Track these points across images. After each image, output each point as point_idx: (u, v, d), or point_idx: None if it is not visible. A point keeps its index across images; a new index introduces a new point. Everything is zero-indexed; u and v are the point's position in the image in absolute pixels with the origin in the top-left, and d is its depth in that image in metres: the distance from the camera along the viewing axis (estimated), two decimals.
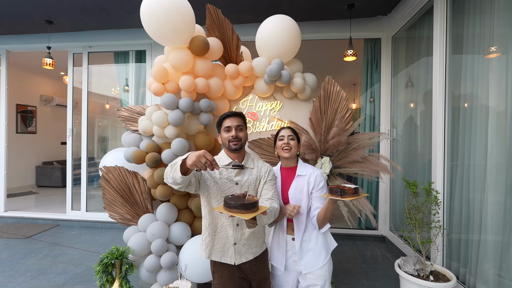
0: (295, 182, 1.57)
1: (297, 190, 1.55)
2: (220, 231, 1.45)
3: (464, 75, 2.50)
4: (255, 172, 1.49)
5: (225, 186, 1.42)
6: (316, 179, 1.54)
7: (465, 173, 2.45)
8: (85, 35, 4.36)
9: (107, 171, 2.36)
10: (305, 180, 1.56)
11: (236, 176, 1.44)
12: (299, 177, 1.57)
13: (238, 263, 1.45)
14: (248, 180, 1.46)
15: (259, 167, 1.51)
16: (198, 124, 2.32)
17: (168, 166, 1.28)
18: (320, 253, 1.54)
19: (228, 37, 2.32)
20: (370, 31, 3.97)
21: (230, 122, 1.45)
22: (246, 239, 1.45)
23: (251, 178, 1.46)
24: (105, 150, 5.14)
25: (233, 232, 1.43)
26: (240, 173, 1.46)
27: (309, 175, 1.56)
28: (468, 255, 2.41)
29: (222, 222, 1.45)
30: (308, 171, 1.58)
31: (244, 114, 1.56)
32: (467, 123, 2.43)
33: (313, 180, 1.54)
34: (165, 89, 2.15)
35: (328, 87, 2.40)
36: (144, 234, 2.24)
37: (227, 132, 1.44)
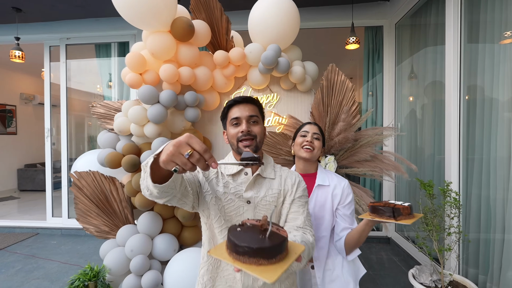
0: (315, 194, 1.25)
1: (318, 205, 1.23)
2: (225, 269, 0.98)
3: (481, 65, 2.25)
4: (277, 185, 1.01)
5: (231, 205, 0.96)
6: (344, 191, 1.23)
7: (484, 170, 2.21)
8: (61, 26, 3.98)
9: (79, 177, 2.04)
10: (328, 192, 1.24)
11: (248, 191, 0.97)
12: (320, 187, 1.25)
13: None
14: (267, 198, 0.98)
15: (282, 177, 1.03)
16: (184, 120, 2.01)
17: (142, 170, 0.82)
18: (347, 283, 1.23)
19: (217, 19, 2.01)
20: (371, 18, 3.69)
21: (239, 111, 0.98)
22: (262, 286, 0.95)
23: (271, 194, 0.99)
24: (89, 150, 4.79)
25: (241, 276, 0.95)
26: (254, 186, 0.99)
27: (334, 187, 1.24)
28: (488, 261, 2.18)
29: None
30: (332, 180, 1.26)
31: (260, 101, 1.08)
32: (486, 117, 2.18)
33: (339, 192, 1.22)
34: (143, 80, 1.84)
35: (332, 77, 2.12)
36: (123, 249, 1.93)
37: (235, 127, 0.99)
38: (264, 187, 0.99)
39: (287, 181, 1.03)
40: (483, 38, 2.25)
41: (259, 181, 1.00)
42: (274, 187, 1.00)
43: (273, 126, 2.23)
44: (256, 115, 1.00)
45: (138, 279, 1.84)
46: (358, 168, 2.06)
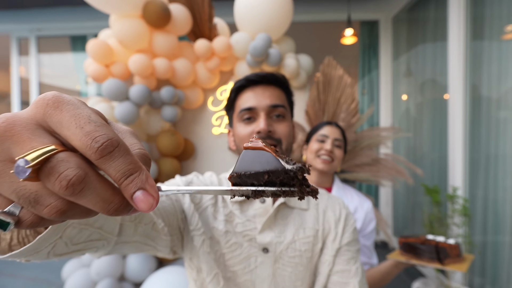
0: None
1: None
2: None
3: (487, 62, 2.07)
4: (312, 221, 0.64)
5: (236, 253, 0.59)
6: (367, 216, 0.98)
7: (491, 174, 2.04)
8: (31, 15, 3.62)
9: None
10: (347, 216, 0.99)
11: (265, 231, 0.60)
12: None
13: None
14: (296, 244, 0.61)
15: (319, 208, 0.66)
16: (161, 120, 1.75)
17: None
18: None
19: (198, 4, 1.75)
20: (367, 12, 3.49)
21: (254, 98, 0.61)
22: None
23: (304, 239, 0.61)
24: None
25: None
26: (276, 222, 0.61)
27: (355, 209, 0.99)
28: (496, 271, 2.01)
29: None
30: (352, 200, 1.01)
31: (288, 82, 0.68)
32: (492, 117, 2.01)
33: (360, 217, 0.98)
34: (110, 73, 1.56)
35: (329, 71, 1.89)
36: (89, 271, 1.66)
37: (247, 123, 0.62)
38: (292, 224, 0.61)
39: (327, 215, 0.64)
40: (489, 34, 2.07)
41: (284, 214, 0.62)
42: (308, 225, 0.62)
43: None
44: (282, 104, 0.62)
45: None
46: (358, 173, 1.84)
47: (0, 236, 0.27)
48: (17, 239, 0.28)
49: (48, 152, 0.17)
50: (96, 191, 0.18)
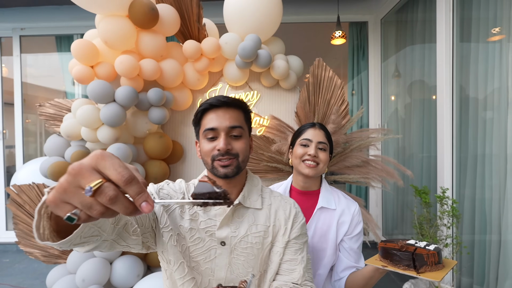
0: (316, 218, 0.98)
1: (318, 234, 0.96)
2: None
3: (474, 63, 2.11)
4: (264, 219, 0.76)
5: (199, 246, 0.71)
6: (354, 218, 0.97)
7: (478, 174, 2.07)
8: (14, 14, 3.51)
9: (19, 191, 1.69)
10: (333, 217, 0.97)
11: (223, 227, 0.72)
12: (323, 210, 0.98)
13: None
14: (248, 238, 0.73)
15: (272, 208, 0.78)
16: (148, 122, 1.71)
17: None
18: None
19: (186, 4, 1.72)
20: (356, 13, 3.52)
21: (216, 119, 0.72)
22: None
23: (255, 233, 0.74)
24: None
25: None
26: (233, 220, 0.73)
27: (342, 212, 0.97)
28: (484, 271, 2.04)
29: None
30: (339, 203, 0.99)
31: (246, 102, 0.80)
32: (479, 116, 2.05)
33: (347, 220, 0.96)
34: (95, 74, 1.51)
35: (319, 72, 1.89)
36: (74, 278, 1.60)
37: (210, 141, 0.73)
38: (246, 221, 0.74)
39: (279, 214, 0.77)
40: (475, 36, 2.11)
41: (240, 213, 0.74)
42: (260, 222, 0.75)
43: (253, 129, 1.97)
44: (240, 125, 0.73)
45: None
46: (348, 174, 1.84)
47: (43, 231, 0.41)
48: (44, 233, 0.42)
49: (100, 183, 0.34)
50: (122, 202, 0.35)
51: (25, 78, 3.75)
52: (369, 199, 3.63)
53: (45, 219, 0.42)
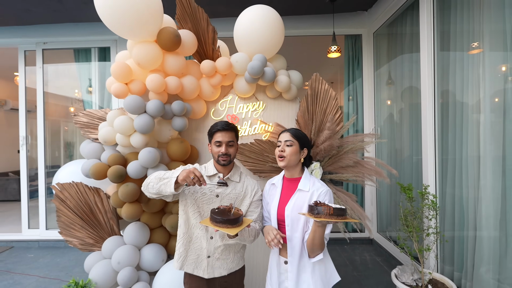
0: (295, 197, 1.31)
1: (295, 208, 1.29)
2: (195, 242, 1.40)
3: (452, 71, 2.41)
4: (239, 188, 1.44)
5: (204, 197, 1.38)
6: (319, 197, 1.27)
7: (457, 173, 2.36)
8: (37, 30, 3.83)
9: (62, 188, 1.98)
10: (306, 197, 1.29)
11: (218, 189, 1.40)
12: (300, 192, 1.31)
13: (210, 277, 1.39)
14: (230, 194, 1.41)
15: (245, 184, 1.46)
16: (171, 130, 2.01)
17: (152, 178, 1.31)
18: (317, 285, 1.27)
19: (203, 29, 2.03)
20: (351, 27, 3.84)
21: (221, 136, 1.37)
22: (220, 253, 1.39)
23: (234, 193, 1.41)
24: (70, 157, 4.62)
25: (206, 245, 1.38)
26: (223, 186, 1.40)
27: (312, 193, 1.29)
28: (463, 259, 2.32)
29: (197, 233, 1.39)
30: (312, 186, 1.31)
31: (236, 126, 1.45)
32: (458, 121, 2.34)
33: (316, 196, 1.28)
34: (129, 90, 1.82)
35: (316, 85, 2.19)
36: (110, 262, 1.89)
37: (217, 147, 1.38)
38: (230, 187, 1.41)
39: (248, 187, 1.45)
40: (454, 46, 2.41)
41: (229, 183, 1.41)
42: (238, 188, 1.42)
43: (259, 134, 2.26)
44: (233, 140, 1.39)
45: None
46: (342, 173, 2.13)
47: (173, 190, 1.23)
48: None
49: (194, 176, 1.18)
50: (198, 181, 1.19)
51: (45, 87, 4.05)
52: (365, 198, 3.91)
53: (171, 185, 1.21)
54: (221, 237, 1.36)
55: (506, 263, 1.95)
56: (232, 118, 2.25)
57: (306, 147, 1.37)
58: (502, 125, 1.96)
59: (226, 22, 3.42)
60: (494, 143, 2.01)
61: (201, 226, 1.37)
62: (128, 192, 1.78)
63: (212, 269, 1.39)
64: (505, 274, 1.97)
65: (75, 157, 4.54)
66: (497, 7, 1.97)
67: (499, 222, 1.98)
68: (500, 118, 1.98)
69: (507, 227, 1.93)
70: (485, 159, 2.07)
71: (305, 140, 1.37)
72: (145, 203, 1.94)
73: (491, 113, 2.03)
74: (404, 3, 3.04)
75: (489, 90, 2.04)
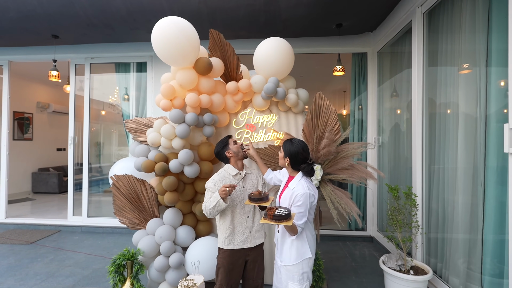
0: (286, 192, 1.83)
1: (284, 198, 1.81)
2: (238, 226, 1.98)
3: (439, 86, 2.80)
4: (254, 177, 2.10)
5: (235, 192, 1.97)
6: (295, 197, 1.72)
7: (440, 177, 2.75)
8: (87, 48, 4.54)
9: (117, 179, 2.57)
10: (290, 194, 1.78)
11: (244, 182, 2.04)
12: (288, 189, 1.83)
13: (253, 245, 2.00)
14: (250, 183, 2.06)
15: (254, 173, 2.15)
16: (202, 136, 2.55)
17: (207, 210, 1.86)
18: (291, 257, 1.78)
19: (229, 57, 2.57)
20: (357, 46, 4.29)
21: (233, 139, 2.09)
22: (256, 227, 2.02)
23: (252, 181, 2.08)
24: (101, 155, 5.30)
25: (246, 223, 1.99)
26: (246, 179, 2.04)
27: (293, 191, 1.76)
28: (444, 252, 2.69)
29: (238, 219, 1.98)
30: (296, 186, 1.77)
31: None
32: (442, 130, 2.72)
33: (293, 196, 1.74)
34: (172, 105, 2.38)
35: (319, 102, 2.67)
36: (153, 237, 2.44)
37: (234, 144, 2.05)
38: (249, 178, 2.07)
39: (257, 175, 2.15)
40: (440, 63, 2.80)
41: (246, 176, 2.05)
42: (253, 178, 2.10)
43: (272, 140, 2.77)
44: None
45: (166, 259, 2.35)
46: (339, 175, 2.59)
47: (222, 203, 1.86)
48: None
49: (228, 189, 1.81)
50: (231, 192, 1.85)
51: (90, 95, 4.74)
52: (367, 200, 4.31)
53: (222, 204, 1.82)
54: (253, 214, 2.02)
55: (475, 255, 2.33)
56: (250, 127, 2.77)
57: (288, 157, 1.84)
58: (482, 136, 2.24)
59: (247, 43, 3.99)
60: (470, 155, 2.37)
61: (241, 214, 1.98)
62: (170, 183, 2.33)
63: (254, 240, 2.01)
64: (475, 264, 2.35)
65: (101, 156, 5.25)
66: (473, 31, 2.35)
67: (470, 222, 2.35)
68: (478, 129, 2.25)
69: (477, 226, 2.29)
70: (461, 168, 2.45)
71: (288, 151, 1.84)
72: (180, 192, 2.49)
73: (471, 124, 2.32)
74: (404, 27, 3.47)
75: (471, 103, 2.32)
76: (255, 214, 2.02)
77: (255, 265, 2.03)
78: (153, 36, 2.17)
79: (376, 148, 4.20)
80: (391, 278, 2.48)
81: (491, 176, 2.10)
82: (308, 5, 3.22)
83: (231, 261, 1.96)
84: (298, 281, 1.77)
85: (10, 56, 4.72)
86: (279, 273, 1.87)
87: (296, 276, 1.77)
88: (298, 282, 1.77)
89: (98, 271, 3.12)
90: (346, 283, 2.93)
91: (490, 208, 2.11)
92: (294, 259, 1.77)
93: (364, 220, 4.34)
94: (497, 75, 2.08)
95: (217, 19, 3.46)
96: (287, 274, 1.80)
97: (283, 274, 1.82)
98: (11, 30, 3.82)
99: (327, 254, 3.62)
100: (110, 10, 3.28)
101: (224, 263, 1.96)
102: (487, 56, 2.17)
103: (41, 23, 3.60)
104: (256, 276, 2.04)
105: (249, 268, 2.03)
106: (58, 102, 7.97)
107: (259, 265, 2.05)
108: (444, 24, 2.72)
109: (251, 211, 2.01)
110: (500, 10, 2.04)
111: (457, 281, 2.45)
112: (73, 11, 3.31)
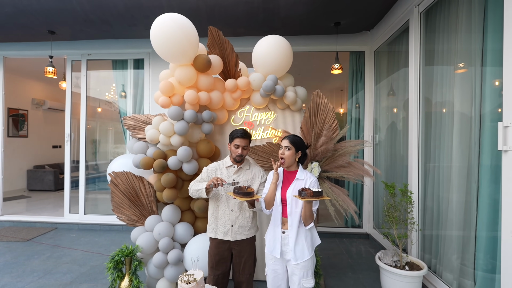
0: (294, 184, 1.82)
1: (294, 192, 1.79)
2: (221, 214, 2.02)
3: (435, 85, 2.84)
4: (249, 174, 2.05)
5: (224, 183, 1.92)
6: (311, 183, 1.79)
7: (435, 174, 2.79)
8: (84, 44, 4.50)
9: (116, 176, 2.56)
10: (302, 183, 1.81)
11: (234, 174, 2.02)
12: (298, 180, 1.83)
13: (234, 240, 2.00)
14: (243, 178, 2.02)
15: (253, 171, 2.07)
16: (200, 133, 2.56)
17: (192, 191, 1.98)
18: (307, 248, 1.79)
19: (228, 55, 2.57)
20: (355, 44, 4.32)
21: (239, 142, 1.95)
22: (239, 222, 2.00)
23: (245, 177, 2.03)
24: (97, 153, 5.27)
25: (229, 216, 2.00)
26: (238, 172, 2.02)
27: (306, 180, 1.81)
28: (438, 248, 2.74)
29: (222, 209, 2.02)
30: (306, 176, 1.83)
31: (251, 135, 2.05)
32: (437, 129, 2.76)
33: (308, 183, 1.79)
34: (171, 102, 2.38)
35: (317, 100, 2.69)
36: (151, 234, 2.45)
37: (235, 148, 1.96)
38: (243, 173, 2.03)
39: (256, 173, 2.05)
40: (436, 62, 2.83)
41: (241, 170, 2.03)
42: (248, 174, 2.04)
43: (270, 138, 2.78)
44: (247, 145, 1.97)
45: (165, 256, 2.36)
46: (337, 172, 2.62)
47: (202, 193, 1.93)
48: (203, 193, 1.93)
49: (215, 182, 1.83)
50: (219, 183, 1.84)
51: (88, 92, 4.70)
52: (364, 197, 4.36)
53: (203, 193, 1.89)
54: (238, 209, 1.99)
55: (468, 250, 2.38)
56: (249, 124, 2.78)
57: (300, 150, 1.87)
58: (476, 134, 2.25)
59: (245, 40, 3.99)
60: (464, 153, 2.41)
61: (225, 205, 2.00)
62: (168, 180, 2.34)
63: (235, 234, 1.99)
64: (468, 260, 2.40)
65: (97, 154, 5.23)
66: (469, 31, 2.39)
67: (463, 219, 2.40)
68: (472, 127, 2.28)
69: (471, 223, 2.34)
70: (456, 166, 2.50)
71: (299, 144, 1.86)
72: (179, 189, 2.50)
73: (466, 123, 2.35)
74: (401, 26, 3.49)
75: (466, 102, 2.35)
76: (242, 210, 2.00)
77: (240, 260, 2.03)
78: (152, 33, 2.17)
79: (373, 146, 4.24)
80: (387, 274, 2.52)
81: (485, 174, 2.14)
82: (306, 3, 3.23)
83: (217, 252, 2.02)
84: (311, 275, 1.82)
85: (5, 52, 4.66)
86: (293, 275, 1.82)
87: (310, 271, 1.81)
88: (311, 276, 1.82)
89: (96, 268, 3.12)
90: (343, 279, 2.97)
91: (484, 206, 2.15)
92: (309, 252, 1.80)
93: (360, 218, 4.38)
94: (492, 74, 2.11)
95: (216, 16, 3.46)
96: (301, 272, 1.80)
97: (297, 274, 1.80)
98: (6, 25, 3.77)
99: (324, 251, 3.66)
100: (107, 5, 3.25)
101: (211, 253, 2.05)
102: (483, 56, 2.20)
103: (37, 18, 3.56)
104: (242, 271, 2.04)
105: (235, 261, 2.06)
106: (54, 99, 7.89)
107: (245, 261, 2.03)
108: (440, 23, 2.76)
109: (236, 206, 2.00)
110: (495, 10, 2.07)
111: (451, 277, 2.49)
112: (70, 7, 3.28)
